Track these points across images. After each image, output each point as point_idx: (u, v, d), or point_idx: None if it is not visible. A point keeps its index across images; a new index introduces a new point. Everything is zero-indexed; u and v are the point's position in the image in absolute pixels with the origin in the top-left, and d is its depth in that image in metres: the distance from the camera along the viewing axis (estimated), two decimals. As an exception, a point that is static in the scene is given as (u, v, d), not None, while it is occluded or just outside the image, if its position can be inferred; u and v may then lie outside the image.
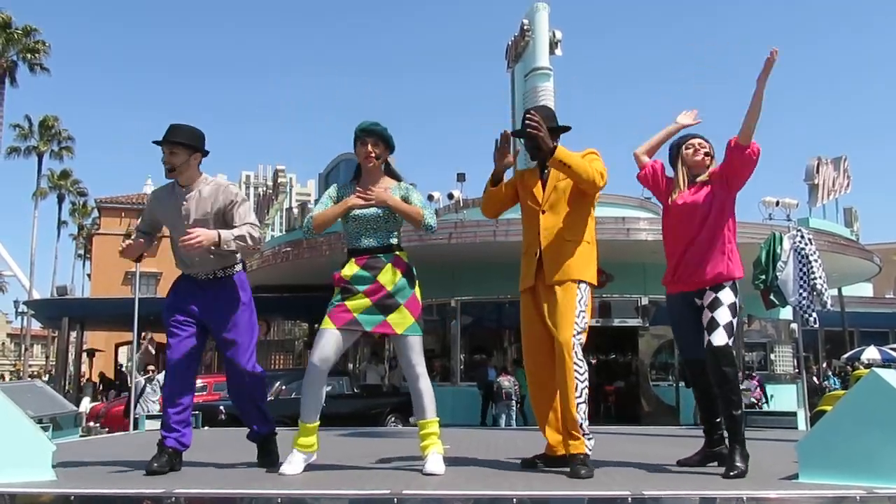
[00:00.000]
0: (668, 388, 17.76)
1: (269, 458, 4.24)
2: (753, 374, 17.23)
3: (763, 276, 8.47)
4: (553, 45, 23.60)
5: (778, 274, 8.27)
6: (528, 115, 3.97)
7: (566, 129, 4.19)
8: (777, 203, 17.37)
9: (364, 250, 3.93)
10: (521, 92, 25.77)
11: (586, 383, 3.82)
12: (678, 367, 18.15)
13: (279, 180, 27.04)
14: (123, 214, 44.91)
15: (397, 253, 3.96)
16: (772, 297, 8.50)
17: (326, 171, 32.71)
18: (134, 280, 12.77)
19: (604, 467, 4.00)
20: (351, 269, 3.90)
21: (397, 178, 4.14)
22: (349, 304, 3.83)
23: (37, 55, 32.72)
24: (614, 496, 3.13)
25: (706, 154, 4.07)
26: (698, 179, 4.04)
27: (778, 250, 8.42)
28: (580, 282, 3.93)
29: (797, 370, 20.75)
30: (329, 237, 17.99)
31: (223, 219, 4.08)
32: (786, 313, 17.77)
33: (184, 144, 4.10)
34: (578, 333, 3.84)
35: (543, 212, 4.04)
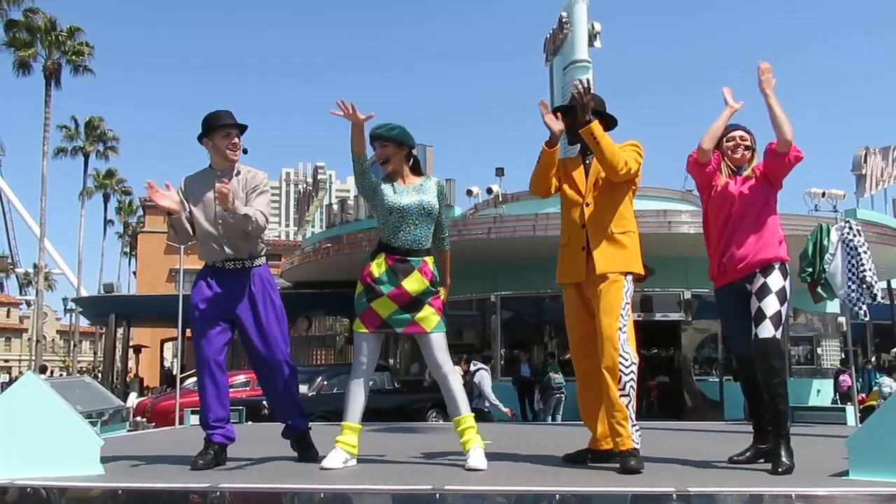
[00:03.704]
0: (712, 382, 17.53)
1: (308, 454, 4.24)
2: (844, 369, 16.99)
3: (810, 269, 8.28)
4: (592, 37, 23.37)
5: (826, 266, 8.09)
6: (575, 82, 3.92)
7: (613, 121, 4.14)
8: (823, 194, 17.01)
9: (396, 249, 4.00)
10: (559, 85, 25.55)
11: (632, 377, 3.78)
12: (722, 362, 17.91)
13: (319, 177, 27.28)
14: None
15: (425, 259, 4.05)
16: (819, 290, 8.32)
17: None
18: (178, 277, 12.96)
19: (647, 463, 3.95)
20: (379, 267, 3.99)
21: (420, 172, 4.23)
22: (376, 306, 3.95)
23: (81, 57, 33.28)
24: (658, 493, 3.08)
25: (746, 148, 4.04)
26: (743, 174, 4.01)
27: (825, 242, 8.22)
28: (627, 274, 3.90)
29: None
30: (369, 233, 18.08)
31: (245, 201, 4.11)
32: (833, 307, 17.42)
33: (242, 128, 4.21)
34: (624, 326, 3.81)
35: (587, 203, 3.98)
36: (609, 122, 4.13)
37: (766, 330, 3.72)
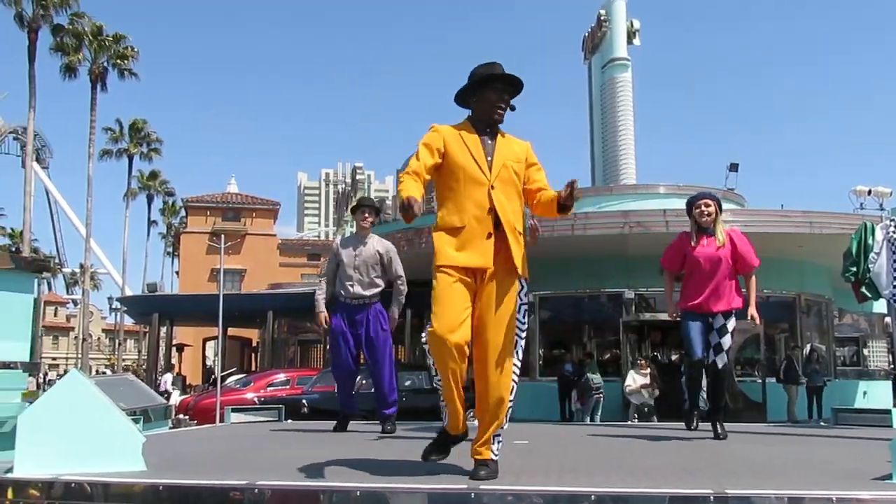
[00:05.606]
0: (754, 384, 17.29)
1: (387, 426, 5.83)
2: None
3: (854, 269, 8.12)
4: (631, 34, 23.21)
5: (870, 266, 7.92)
6: None
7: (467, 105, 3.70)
8: (869, 192, 16.69)
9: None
10: (598, 83, 25.40)
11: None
12: (764, 363, 17.66)
13: (357, 177, 27.46)
14: (209, 213, 46.23)
15: None
16: (863, 289, 8.14)
17: (403, 167, 32.93)
18: (219, 277, 13.13)
19: (686, 465, 3.92)
20: None
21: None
22: None
23: (126, 61, 33.94)
24: (696, 495, 3.05)
25: (709, 213, 5.48)
26: (717, 242, 5.43)
27: (870, 241, 8.04)
28: (521, 278, 3.64)
29: (892, 366, 19.91)
30: (407, 233, 18.16)
31: (383, 263, 6.03)
32: (879, 306, 17.10)
33: (378, 213, 6.45)
34: (517, 337, 3.58)
35: (493, 187, 3.54)
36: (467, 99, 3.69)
37: (723, 360, 5.41)
